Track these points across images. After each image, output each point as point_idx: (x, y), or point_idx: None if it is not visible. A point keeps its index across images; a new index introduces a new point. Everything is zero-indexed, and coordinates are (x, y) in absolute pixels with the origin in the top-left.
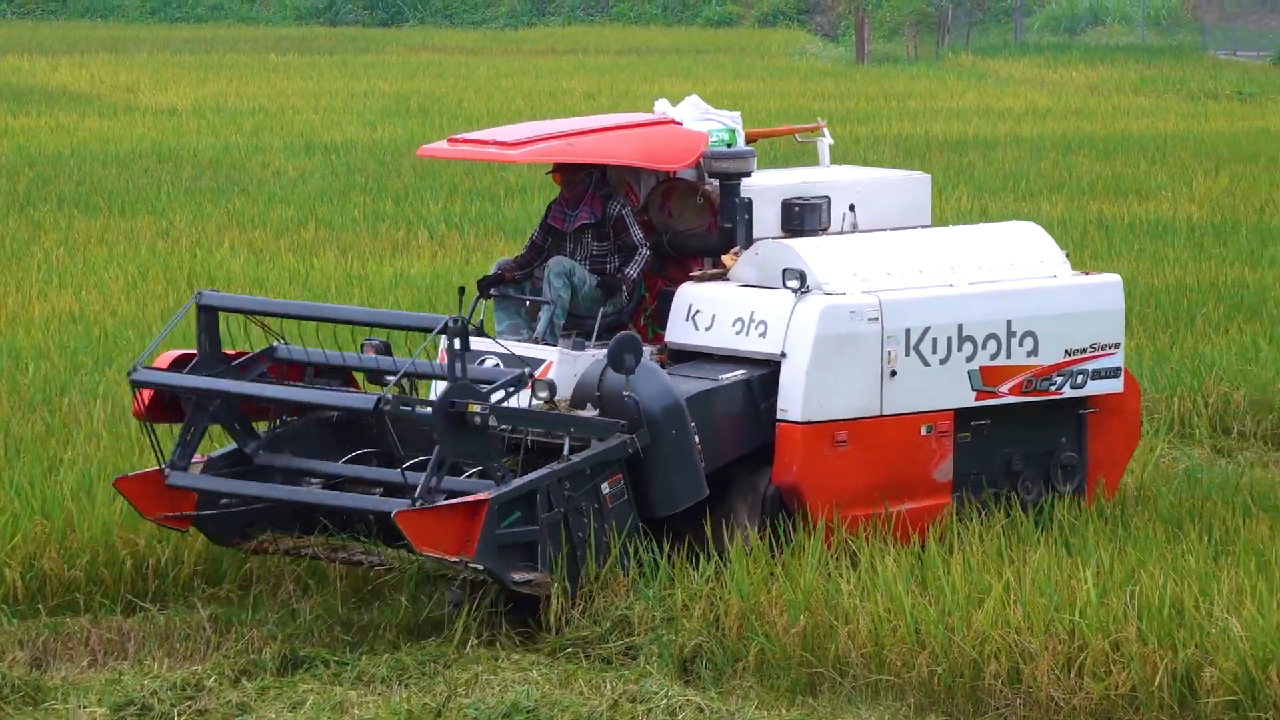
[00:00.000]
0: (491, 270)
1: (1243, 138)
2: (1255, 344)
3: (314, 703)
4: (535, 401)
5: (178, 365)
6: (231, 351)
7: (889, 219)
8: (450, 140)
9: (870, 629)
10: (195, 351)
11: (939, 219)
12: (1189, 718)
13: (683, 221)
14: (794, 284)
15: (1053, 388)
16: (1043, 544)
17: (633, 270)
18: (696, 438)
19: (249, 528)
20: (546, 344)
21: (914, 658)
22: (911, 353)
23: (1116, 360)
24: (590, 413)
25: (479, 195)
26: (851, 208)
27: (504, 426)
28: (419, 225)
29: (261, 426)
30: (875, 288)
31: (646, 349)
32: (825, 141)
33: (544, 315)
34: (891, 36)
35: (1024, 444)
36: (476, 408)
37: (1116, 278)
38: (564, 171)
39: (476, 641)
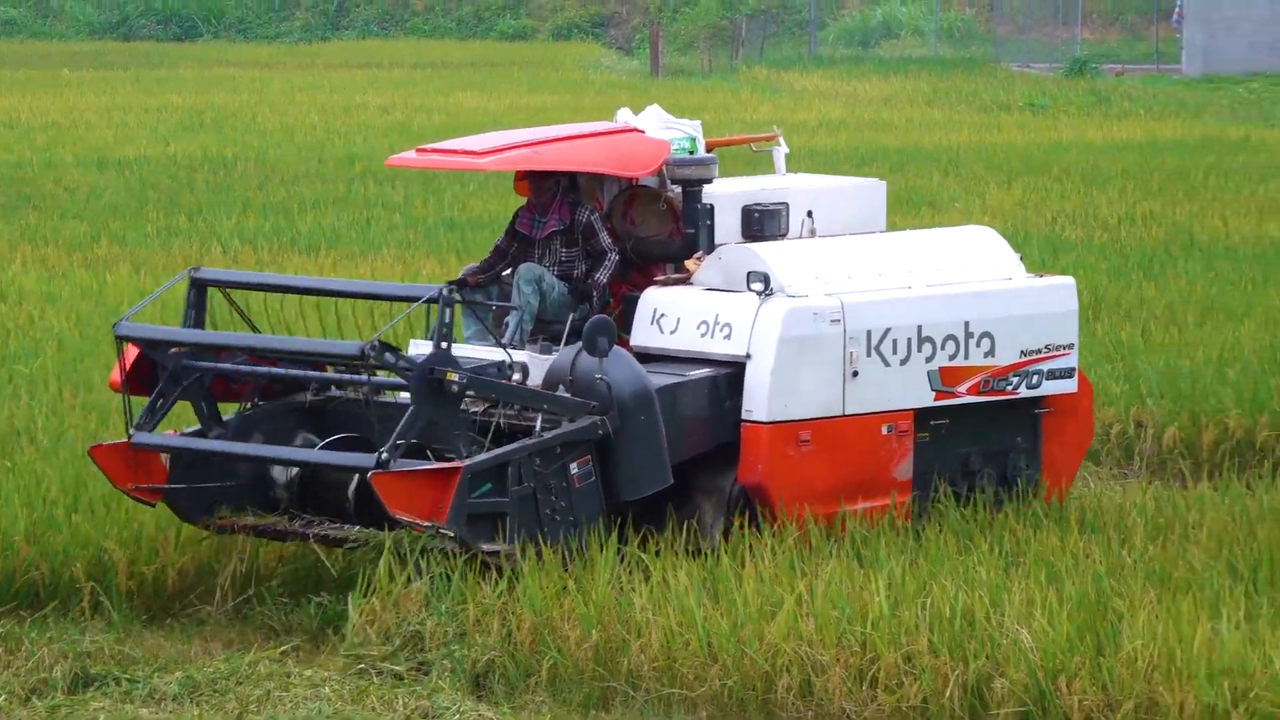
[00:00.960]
0: (458, 276)
1: (1035, 149)
2: None
3: None
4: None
5: (143, 358)
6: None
7: (845, 225)
8: (419, 150)
9: (662, 642)
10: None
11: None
12: None
13: (645, 228)
14: (758, 286)
15: (1009, 388)
16: (834, 556)
17: (602, 276)
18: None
19: (216, 505)
20: (514, 348)
21: (706, 671)
22: (872, 353)
23: (1071, 361)
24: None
25: (273, 210)
26: (809, 214)
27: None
28: (213, 240)
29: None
30: (836, 290)
31: None
32: (781, 150)
33: (512, 320)
34: (686, 49)
35: (981, 443)
36: (454, 376)
37: (1070, 280)
38: (532, 179)
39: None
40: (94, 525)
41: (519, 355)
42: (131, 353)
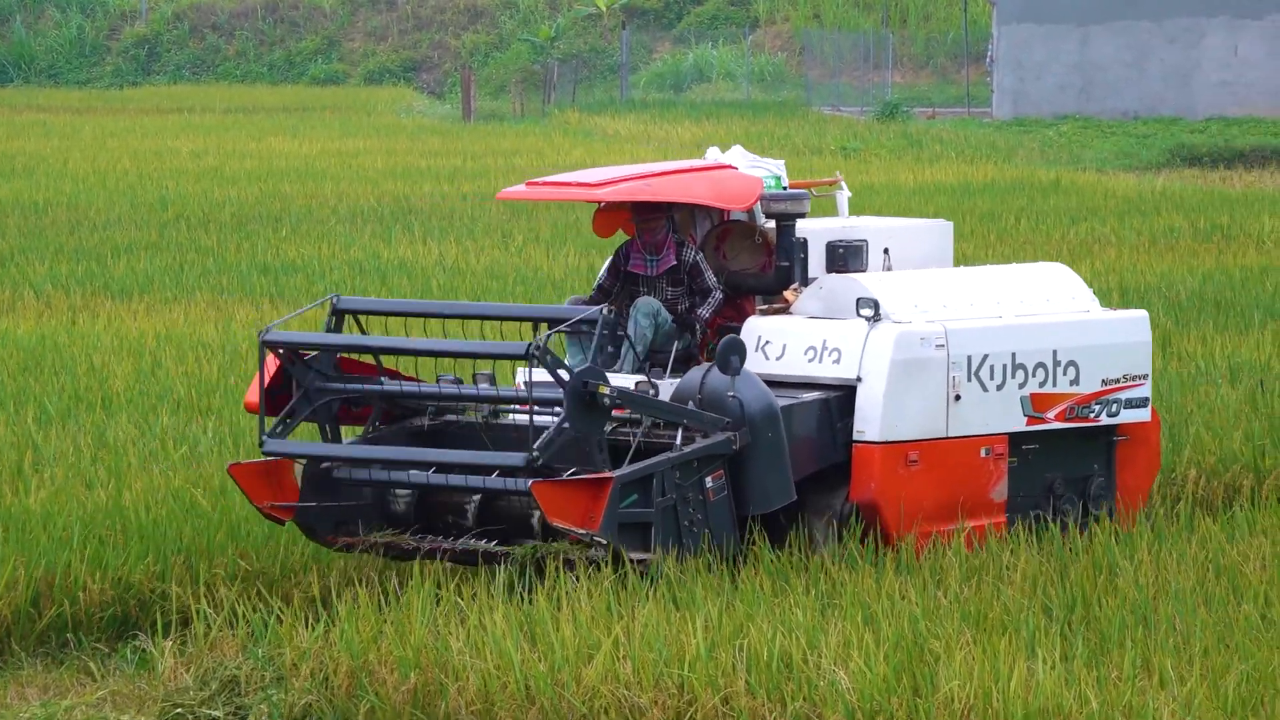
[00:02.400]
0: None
1: None
2: None
3: None
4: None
5: (276, 380)
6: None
7: (917, 262)
8: (529, 184)
9: (480, 686)
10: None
11: (546, 274)
12: None
13: (738, 262)
14: (868, 313)
15: (1091, 415)
16: (651, 599)
17: (705, 311)
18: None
19: (342, 525)
20: (627, 374)
21: (524, 714)
22: (972, 379)
23: (1145, 391)
24: None
25: (85, 256)
26: (886, 251)
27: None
28: (25, 286)
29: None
30: (937, 318)
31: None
32: (844, 194)
33: (627, 349)
34: (498, 93)
35: (1064, 469)
36: (606, 389)
37: (1144, 313)
38: (642, 220)
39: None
40: None
41: (635, 379)
42: (266, 376)
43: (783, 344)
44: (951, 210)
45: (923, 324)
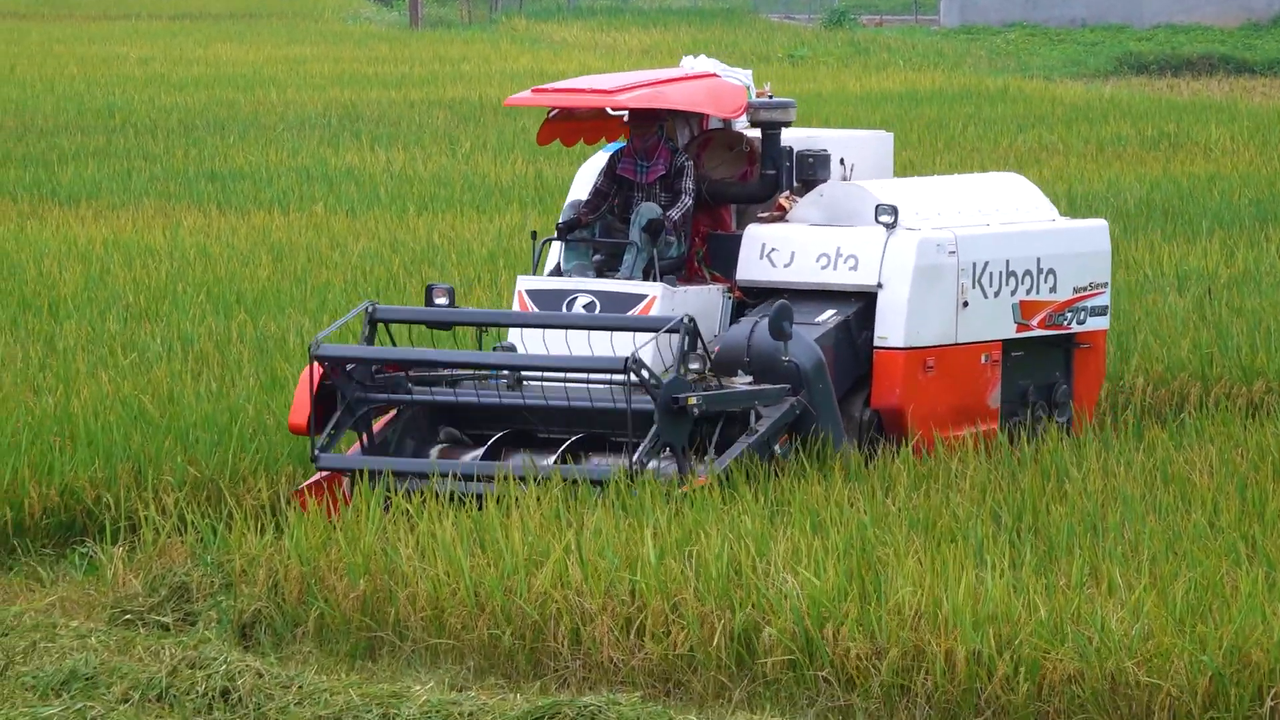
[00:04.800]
0: (564, 216)
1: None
2: None
3: None
4: (689, 374)
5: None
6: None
7: (865, 172)
8: (535, 90)
9: (430, 593)
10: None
11: (494, 181)
12: (747, 677)
13: (718, 172)
14: (886, 219)
15: (1064, 322)
16: (600, 506)
17: (674, 213)
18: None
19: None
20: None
21: (474, 621)
22: (976, 285)
23: (1105, 299)
24: (743, 377)
25: (33, 162)
26: (842, 161)
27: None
28: None
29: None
30: (943, 225)
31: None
32: None
33: (629, 255)
34: (446, 1)
35: (1036, 376)
36: (695, 400)
37: (1104, 222)
38: (638, 124)
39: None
40: None
41: (651, 286)
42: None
43: (790, 251)
44: (899, 118)
45: (932, 230)
